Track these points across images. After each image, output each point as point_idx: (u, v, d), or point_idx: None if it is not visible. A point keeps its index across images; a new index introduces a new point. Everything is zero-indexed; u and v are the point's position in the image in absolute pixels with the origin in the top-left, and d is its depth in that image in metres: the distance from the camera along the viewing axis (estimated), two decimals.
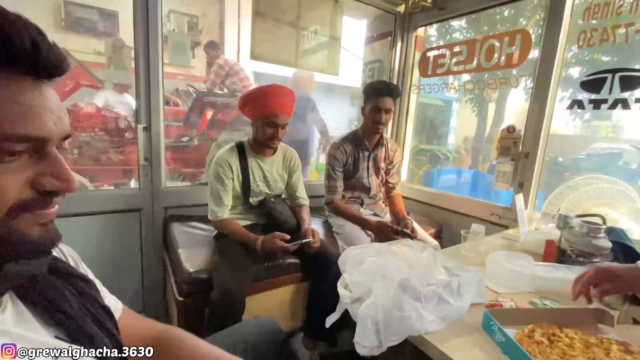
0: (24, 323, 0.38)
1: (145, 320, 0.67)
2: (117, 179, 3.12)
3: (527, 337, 0.68)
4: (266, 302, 1.33)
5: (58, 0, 4.19)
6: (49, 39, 0.32)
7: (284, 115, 1.36)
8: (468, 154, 6.00)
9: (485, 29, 4.20)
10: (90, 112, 3.25)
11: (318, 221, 1.84)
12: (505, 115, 5.24)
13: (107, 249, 1.53)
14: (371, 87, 1.69)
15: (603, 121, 4.63)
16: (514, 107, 4.97)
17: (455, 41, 3.97)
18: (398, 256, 0.88)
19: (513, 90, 1.89)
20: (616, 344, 0.66)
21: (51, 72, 0.33)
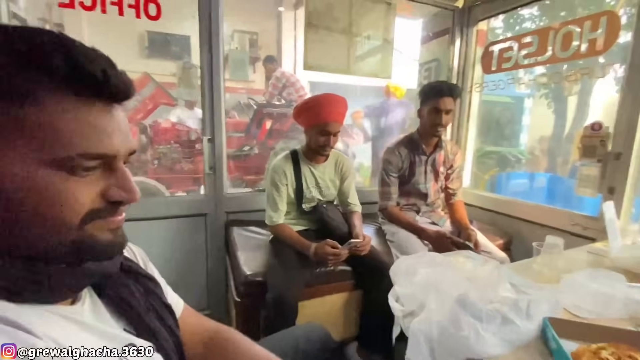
0: (99, 315, 0.44)
1: (202, 318, 0.72)
2: (188, 186, 3.45)
3: (591, 352, 0.58)
4: (318, 308, 1.33)
5: (142, 31, 4.84)
6: (118, 68, 0.37)
7: (336, 123, 1.37)
8: (544, 156, 5.35)
9: (562, 15, 3.73)
10: (167, 127, 3.68)
11: (371, 228, 1.81)
12: (589, 111, 4.56)
13: (177, 250, 1.69)
14: (429, 88, 1.61)
15: None
16: (600, 100, 4.30)
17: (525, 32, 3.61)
18: (456, 268, 0.82)
19: (599, 81, 1.64)
20: None
21: (119, 96, 0.38)
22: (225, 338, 0.68)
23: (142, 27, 4.78)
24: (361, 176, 4.35)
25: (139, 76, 3.09)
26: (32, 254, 0.35)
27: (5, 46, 0.31)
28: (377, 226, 1.82)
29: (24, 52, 0.31)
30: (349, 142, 3.95)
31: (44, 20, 3.96)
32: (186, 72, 1.52)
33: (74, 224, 0.35)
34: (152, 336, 0.49)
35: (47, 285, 0.36)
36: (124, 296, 0.47)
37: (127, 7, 1.41)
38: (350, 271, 1.37)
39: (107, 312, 0.46)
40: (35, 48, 0.31)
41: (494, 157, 5.65)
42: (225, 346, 0.66)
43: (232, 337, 0.69)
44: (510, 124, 7.36)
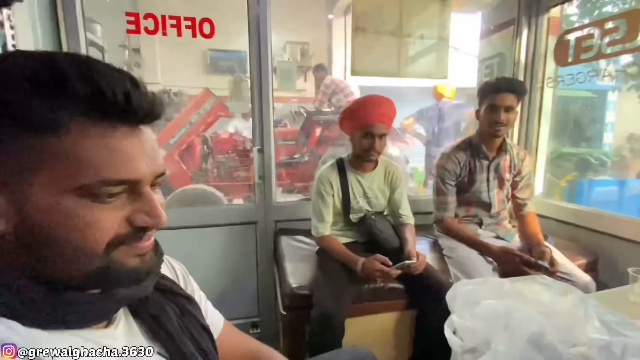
0: (132, 338, 0.44)
1: (244, 338, 0.70)
2: (244, 193, 3.61)
3: None
4: (366, 327, 1.26)
5: (205, 49, 5.25)
6: (144, 89, 0.36)
7: (381, 124, 1.29)
8: (635, 158, 4.54)
9: None
10: (225, 137, 3.92)
11: (426, 242, 1.67)
12: None
13: (229, 257, 1.75)
14: (486, 85, 1.45)
15: None
16: None
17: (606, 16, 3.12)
18: (528, 299, 0.69)
19: None
20: None
21: (144, 118, 0.37)
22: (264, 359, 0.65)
23: (205, 46, 5.19)
24: (415, 181, 4.14)
25: (201, 92, 3.33)
26: (59, 280, 0.35)
27: (27, 73, 0.31)
28: (433, 239, 1.67)
29: (45, 80, 0.31)
30: (402, 147, 3.80)
31: (123, 46, 4.52)
32: (237, 85, 1.59)
33: (99, 250, 0.35)
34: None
35: (73, 312, 0.36)
36: (159, 318, 0.47)
37: (184, 28, 1.51)
38: (403, 289, 1.27)
39: (140, 334, 0.45)
40: (57, 74, 0.31)
41: (572, 160, 4.96)
42: None
43: (272, 358, 0.66)
44: (591, 122, 6.44)
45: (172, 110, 4.52)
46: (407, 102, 5.59)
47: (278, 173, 3.60)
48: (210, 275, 1.68)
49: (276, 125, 3.97)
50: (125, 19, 1.45)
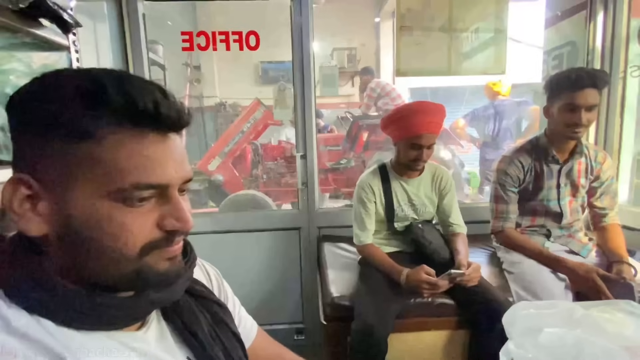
0: (163, 342, 0.44)
1: (277, 347, 0.68)
2: (292, 199, 3.69)
3: None
4: (413, 344, 1.17)
5: (257, 62, 5.53)
6: (172, 98, 0.37)
7: (430, 135, 1.20)
8: None
9: None
10: (274, 145, 4.05)
11: (482, 254, 1.52)
12: None
13: (273, 262, 1.78)
14: (560, 78, 1.25)
15: None
16: None
17: None
18: (606, 330, 0.57)
19: None
20: None
21: (173, 126, 0.38)
22: None
23: (257, 59, 5.48)
24: (472, 186, 3.85)
25: (252, 102, 3.49)
26: (95, 282, 0.37)
27: (71, 88, 0.33)
28: (491, 251, 1.51)
29: (87, 92, 0.33)
30: (456, 150, 3.56)
31: (186, 64, 4.97)
32: (281, 94, 1.64)
33: (133, 254, 0.36)
34: None
35: (106, 313, 0.37)
36: (190, 324, 0.47)
37: (232, 42, 1.60)
38: (454, 305, 1.16)
39: (171, 338, 0.46)
40: (96, 88, 0.33)
41: None
42: None
43: None
44: None
45: (227, 120, 4.83)
46: (462, 103, 5.26)
47: (325, 178, 3.61)
48: (256, 279, 1.73)
49: (323, 131, 4.00)
50: (181, 37, 1.58)
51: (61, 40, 0.75)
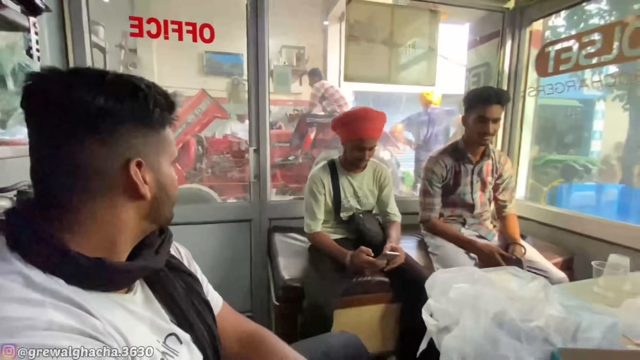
0: (150, 305, 0.51)
1: (242, 318, 0.77)
2: (238, 193, 3.66)
3: None
4: (355, 318, 1.33)
5: (201, 51, 5.31)
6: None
7: (372, 139, 1.39)
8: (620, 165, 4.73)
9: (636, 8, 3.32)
10: (220, 138, 3.97)
11: (413, 240, 1.76)
12: None
13: (224, 253, 1.81)
14: (475, 95, 1.54)
15: None
16: None
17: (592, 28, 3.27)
18: (497, 285, 0.77)
19: None
20: None
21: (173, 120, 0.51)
22: (260, 338, 0.72)
23: (201, 48, 5.25)
24: (406, 184, 4.25)
25: (197, 93, 3.38)
26: (165, 221, 0.53)
27: (152, 95, 0.46)
28: (420, 238, 1.76)
29: (158, 97, 0.47)
30: (393, 151, 3.90)
31: (120, 47, 4.56)
32: (235, 88, 1.66)
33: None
34: (190, 329, 0.54)
35: (108, 277, 0.43)
36: (170, 291, 0.54)
37: (185, 32, 1.58)
38: (389, 283, 1.35)
39: (158, 304, 0.53)
40: (163, 94, 0.48)
41: (558, 167, 5.13)
42: (259, 345, 0.70)
43: (267, 337, 0.73)
44: (578, 130, 6.64)
45: None
46: (399, 108, 5.73)
47: (272, 174, 3.67)
48: (206, 270, 1.73)
49: (271, 127, 4.04)
50: (129, 22, 1.52)
51: (22, 22, 0.72)
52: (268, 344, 0.71)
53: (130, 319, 0.45)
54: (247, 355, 0.69)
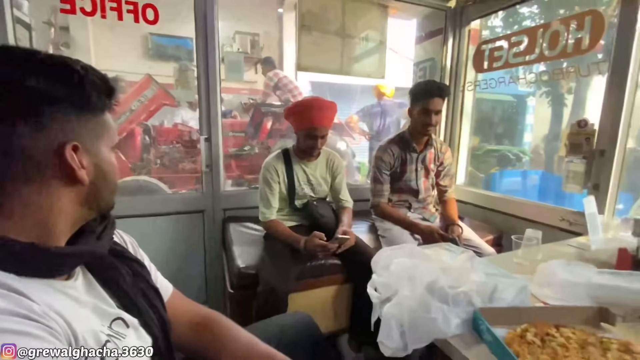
0: (92, 291, 0.50)
1: (193, 304, 0.77)
2: (191, 185, 3.53)
3: (519, 337, 0.64)
4: (309, 301, 1.38)
5: (145, 33, 4.93)
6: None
7: (323, 127, 1.43)
8: (545, 154, 5.37)
9: (561, 13, 3.74)
10: (169, 127, 3.76)
11: (365, 225, 1.85)
12: (583, 109, 4.57)
13: (176, 245, 1.76)
14: (419, 88, 1.66)
15: None
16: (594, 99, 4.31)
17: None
18: (431, 259, 0.86)
19: (598, 79, 1.65)
20: (617, 344, 0.62)
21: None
22: (213, 322, 0.73)
23: (145, 30, 4.87)
24: (361, 174, 4.41)
25: (142, 78, 3.16)
26: (105, 208, 0.53)
27: (89, 78, 0.45)
28: (371, 223, 1.86)
29: (99, 78, 0.46)
30: (349, 142, 4.01)
31: (49, 24, 4.07)
32: (183, 74, 1.58)
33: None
34: (138, 313, 0.54)
35: (43, 261, 0.42)
36: (114, 276, 0.54)
37: (126, 12, 1.47)
38: (341, 265, 1.42)
39: (102, 290, 0.52)
40: (101, 78, 0.47)
41: (495, 156, 5.66)
42: (212, 329, 0.71)
43: (219, 321, 0.74)
44: (512, 123, 7.35)
45: None
46: (355, 99, 5.86)
47: (227, 165, 3.58)
48: (159, 263, 1.68)
49: (225, 116, 3.92)
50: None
51: None
52: (221, 327, 0.72)
53: (72, 305, 0.44)
54: (200, 339, 0.70)
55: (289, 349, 0.79)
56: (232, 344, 0.69)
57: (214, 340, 0.70)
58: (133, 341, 0.51)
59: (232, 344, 0.70)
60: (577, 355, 0.61)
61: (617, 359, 0.60)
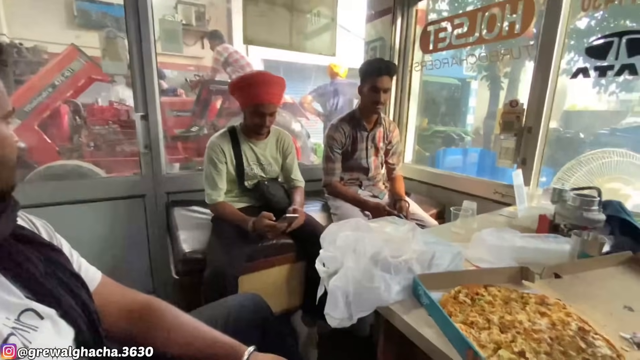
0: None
1: (128, 291, 0.71)
2: (132, 169, 3.25)
3: (452, 298, 0.70)
4: (261, 281, 1.37)
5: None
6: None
7: (271, 104, 1.36)
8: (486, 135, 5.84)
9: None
10: (104, 106, 3.40)
11: (318, 204, 1.86)
12: (519, 91, 5.01)
13: (116, 234, 1.62)
14: (368, 67, 1.66)
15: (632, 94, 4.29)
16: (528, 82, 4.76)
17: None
18: (375, 231, 0.89)
19: (530, 65, 1.78)
20: (534, 298, 0.71)
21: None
22: (153, 309, 0.68)
23: None
24: (317, 156, 4.41)
25: (66, 49, 2.77)
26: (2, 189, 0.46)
27: None
28: (324, 202, 1.87)
29: None
30: (304, 123, 3.96)
31: None
32: (110, 43, 1.39)
33: None
34: (57, 304, 0.49)
35: None
36: (22, 264, 0.47)
37: None
38: (293, 244, 1.42)
39: (5, 280, 0.45)
40: None
41: (442, 137, 6.02)
42: (151, 316, 0.67)
43: (159, 307, 0.69)
44: (457, 105, 7.82)
45: (26, 69, 3.64)
46: (310, 79, 5.77)
47: (173, 147, 3.35)
48: (98, 252, 1.55)
49: (168, 93, 3.63)
50: None
51: None
52: (159, 313, 0.68)
53: None
54: (139, 327, 0.66)
55: (237, 330, 0.77)
56: (171, 331, 0.66)
57: (151, 328, 0.66)
58: (48, 335, 0.46)
59: (171, 330, 0.66)
60: (502, 310, 0.67)
61: (534, 311, 0.67)
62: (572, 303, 0.70)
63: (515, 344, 0.57)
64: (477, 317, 0.65)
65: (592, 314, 0.67)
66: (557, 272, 0.83)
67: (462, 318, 0.65)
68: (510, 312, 0.67)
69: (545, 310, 0.67)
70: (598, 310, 0.69)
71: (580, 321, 0.64)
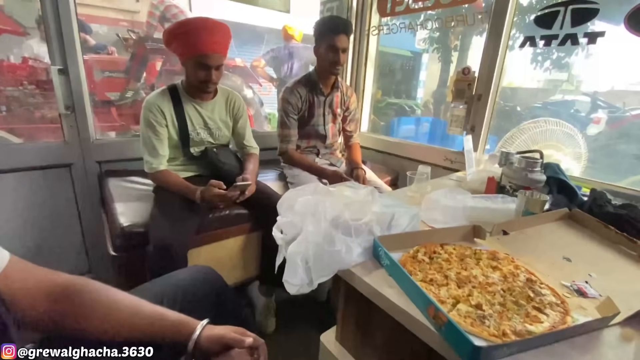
0: None
1: (46, 271, 0.59)
2: (56, 138, 2.84)
3: (411, 257, 0.71)
4: (214, 254, 1.29)
5: None
6: None
7: (217, 55, 1.20)
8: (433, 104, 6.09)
9: None
10: (16, 63, 2.86)
11: (274, 173, 1.78)
12: (469, 62, 5.24)
13: (37, 210, 1.40)
14: (324, 25, 1.55)
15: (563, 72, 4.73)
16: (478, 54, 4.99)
17: None
18: (335, 195, 0.85)
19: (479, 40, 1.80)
20: (486, 253, 0.74)
21: None
22: (80, 289, 0.58)
23: None
24: (271, 126, 4.24)
25: None
26: None
27: None
28: (280, 171, 1.80)
29: None
30: (256, 89, 3.74)
31: None
32: None
33: None
34: None
35: None
36: None
37: None
38: (247, 213, 1.34)
39: None
40: None
41: (394, 109, 6.15)
42: (77, 297, 0.57)
43: (88, 287, 0.60)
44: (410, 79, 7.99)
45: None
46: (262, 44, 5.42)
47: (106, 112, 2.97)
48: (15, 231, 1.32)
49: (97, 51, 3.16)
50: None
51: None
52: (92, 293, 0.58)
53: None
54: (63, 310, 0.56)
55: (189, 305, 0.71)
56: (107, 312, 0.57)
57: (78, 311, 0.56)
58: None
59: (107, 311, 0.57)
60: (458, 267, 0.68)
61: (487, 265, 0.70)
62: (520, 256, 0.74)
63: (472, 297, 0.58)
64: (435, 274, 0.65)
65: (536, 265, 0.72)
66: (505, 229, 0.87)
67: (421, 276, 0.65)
68: (466, 268, 0.68)
69: (496, 265, 0.70)
70: (542, 262, 0.74)
71: (528, 273, 0.67)
